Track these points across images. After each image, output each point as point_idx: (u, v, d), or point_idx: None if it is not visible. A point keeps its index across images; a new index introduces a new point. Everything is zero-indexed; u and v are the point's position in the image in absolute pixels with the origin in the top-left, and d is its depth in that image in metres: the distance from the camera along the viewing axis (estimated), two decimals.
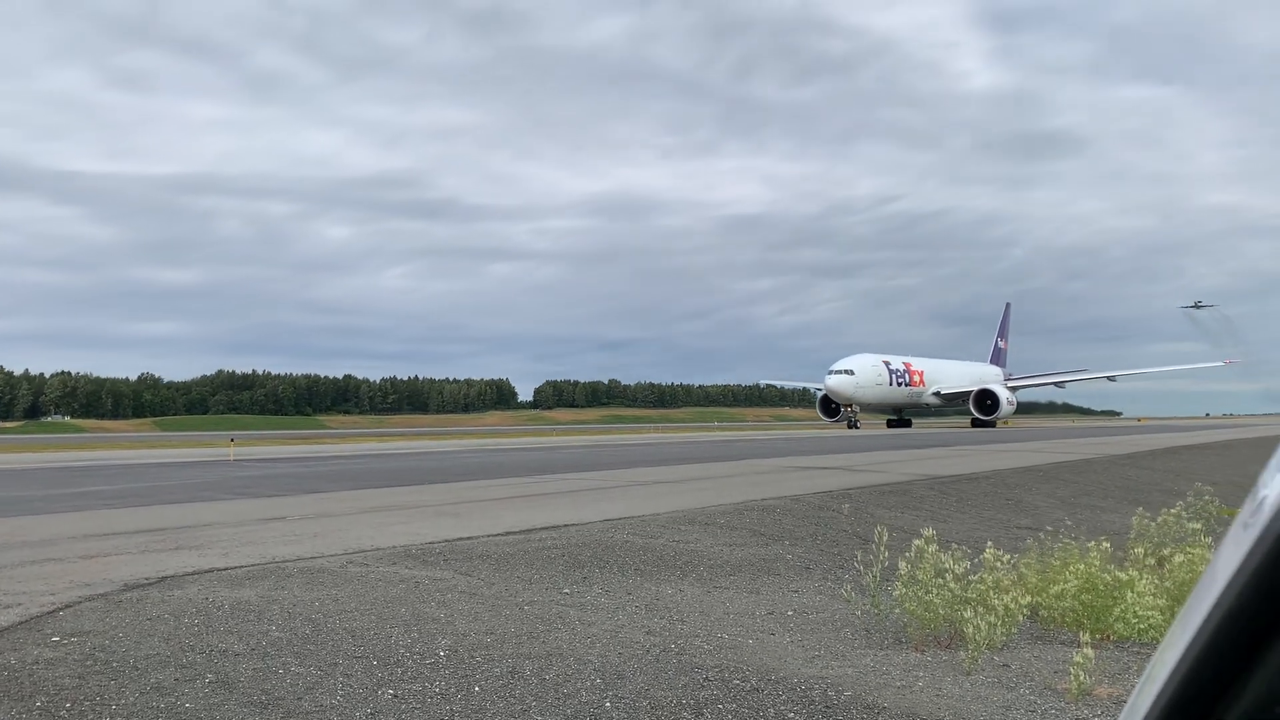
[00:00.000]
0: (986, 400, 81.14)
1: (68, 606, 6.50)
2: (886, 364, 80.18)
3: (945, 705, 5.27)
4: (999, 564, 7.01)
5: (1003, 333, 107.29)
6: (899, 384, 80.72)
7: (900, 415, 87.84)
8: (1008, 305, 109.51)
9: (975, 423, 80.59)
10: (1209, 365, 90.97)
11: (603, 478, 18.91)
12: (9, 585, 7.27)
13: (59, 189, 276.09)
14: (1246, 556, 0.79)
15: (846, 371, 76.03)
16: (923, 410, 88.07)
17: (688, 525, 11.30)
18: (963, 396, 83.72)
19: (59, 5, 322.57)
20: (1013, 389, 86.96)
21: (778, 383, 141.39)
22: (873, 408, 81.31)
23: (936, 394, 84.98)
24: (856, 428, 73.06)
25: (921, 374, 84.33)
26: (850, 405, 76.38)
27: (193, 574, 7.74)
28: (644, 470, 21.11)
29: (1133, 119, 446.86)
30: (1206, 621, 0.83)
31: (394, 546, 9.28)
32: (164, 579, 7.52)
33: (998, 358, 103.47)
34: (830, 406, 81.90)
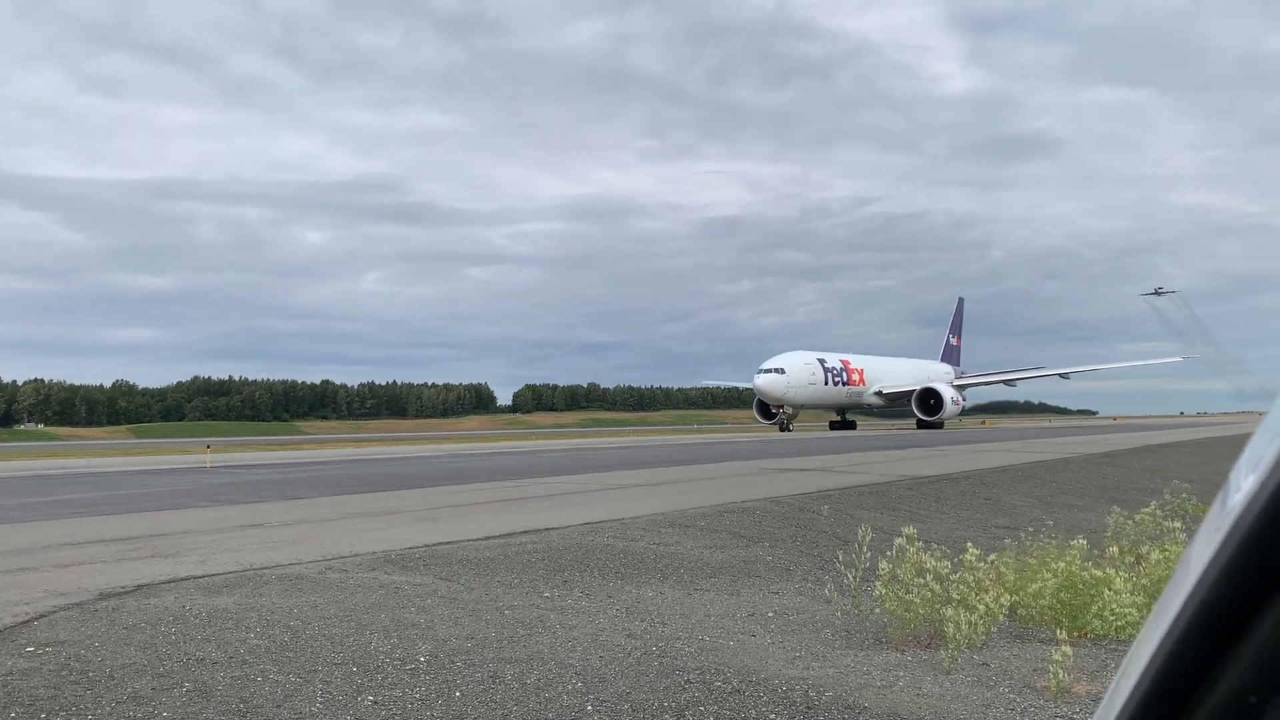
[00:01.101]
0: (930, 400, 74.43)
1: (42, 616, 6.43)
2: (821, 362, 73.97)
3: (925, 705, 5.29)
4: (979, 564, 7.05)
5: (955, 329, 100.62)
6: (836, 383, 74.70)
7: (843, 417, 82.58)
8: (960, 300, 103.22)
9: (920, 424, 73.88)
10: (1168, 361, 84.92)
11: (582, 481, 18.89)
12: None
13: (32, 195, 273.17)
14: (1217, 552, 0.80)
15: (776, 370, 70.06)
16: (864, 411, 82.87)
17: (668, 528, 11.31)
18: (907, 396, 77.15)
19: (32, 10, 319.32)
20: (961, 388, 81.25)
21: (708, 383, 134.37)
22: (807, 408, 75.87)
23: (878, 393, 79.05)
24: (789, 430, 67.88)
25: (861, 372, 78.37)
26: (781, 406, 70.76)
27: (169, 582, 7.68)
28: (623, 473, 21.11)
29: (1106, 122, 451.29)
30: (1179, 617, 0.84)
31: (373, 552, 9.24)
32: (140, 587, 7.46)
33: (950, 355, 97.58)
34: (767, 408, 75.67)
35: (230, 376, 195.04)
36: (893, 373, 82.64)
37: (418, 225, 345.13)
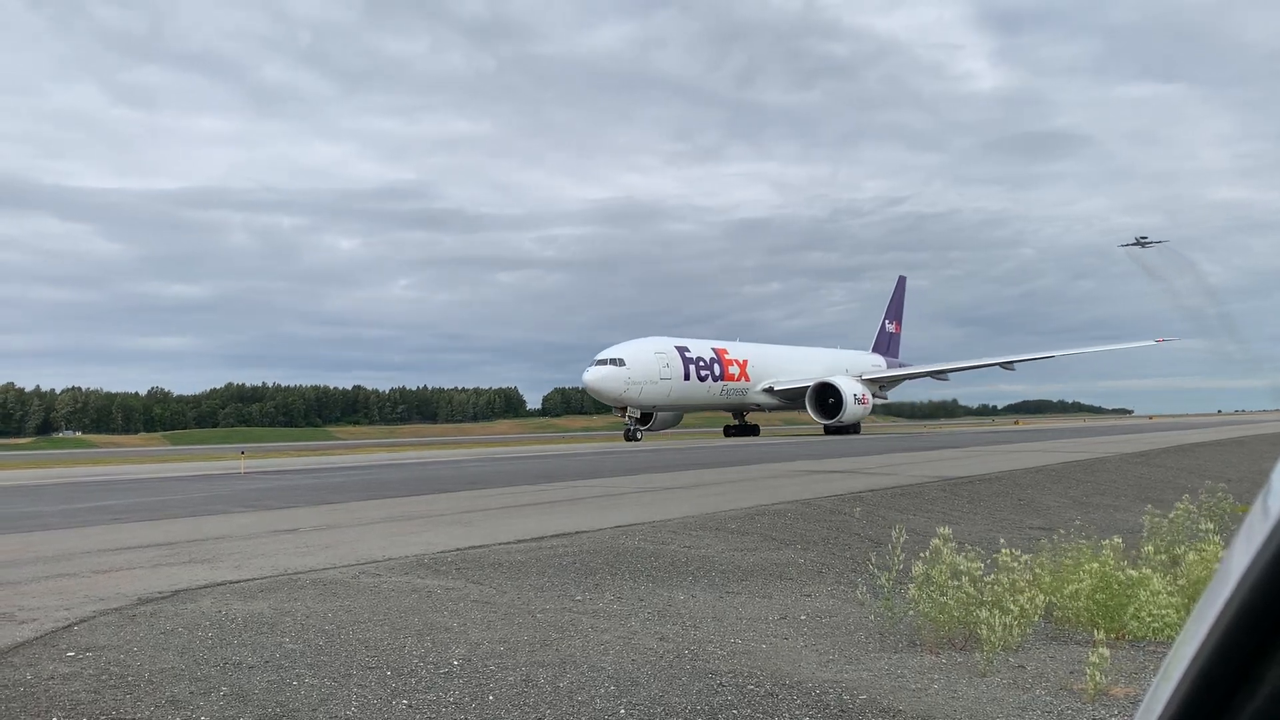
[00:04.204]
0: (829, 398, 59.75)
1: (82, 621, 6.52)
2: (682, 351, 56.68)
3: (961, 707, 5.25)
4: (1013, 564, 6.99)
5: (893, 313, 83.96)
6: (703, 377, 57.71)
7: (742, 421, 67.64)
8: (901, 279, 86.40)
9: (828, 430, 59.95)
10: (1139, 345, 69.72)
11: (613, 484, 18.90)
12: (24, 601, 7.30)
13: (68, 206, 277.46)
14: (1259, 552, 0.79)
15: (613, 362, 52.65)
16: (752, 412, 66.99)
17: (699, 530, 11.29)
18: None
19: (65, 23, 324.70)
20: (877, 383, 67.05)
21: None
22: (662, 410, 59.57)
23: (769, 390, 62.71)
24: (637, 439, 52.41)
25: (744, 364, 61.44)
26: (624, 408, 54.19)
27: (205, 587, 7.76)
28: (654, 476, 21.11)
29: (1137, 117, 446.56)
30: (1220, 618, 0.83)
31: (406, 556, 9.29)
32: (177, 592, 7.55)
33: (885, 344, 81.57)
34: (643, 413, 57.78)
35: (263, 383, 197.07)
36: (792, 365, 65.97)
37: (446, 231, 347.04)
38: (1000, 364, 68.49)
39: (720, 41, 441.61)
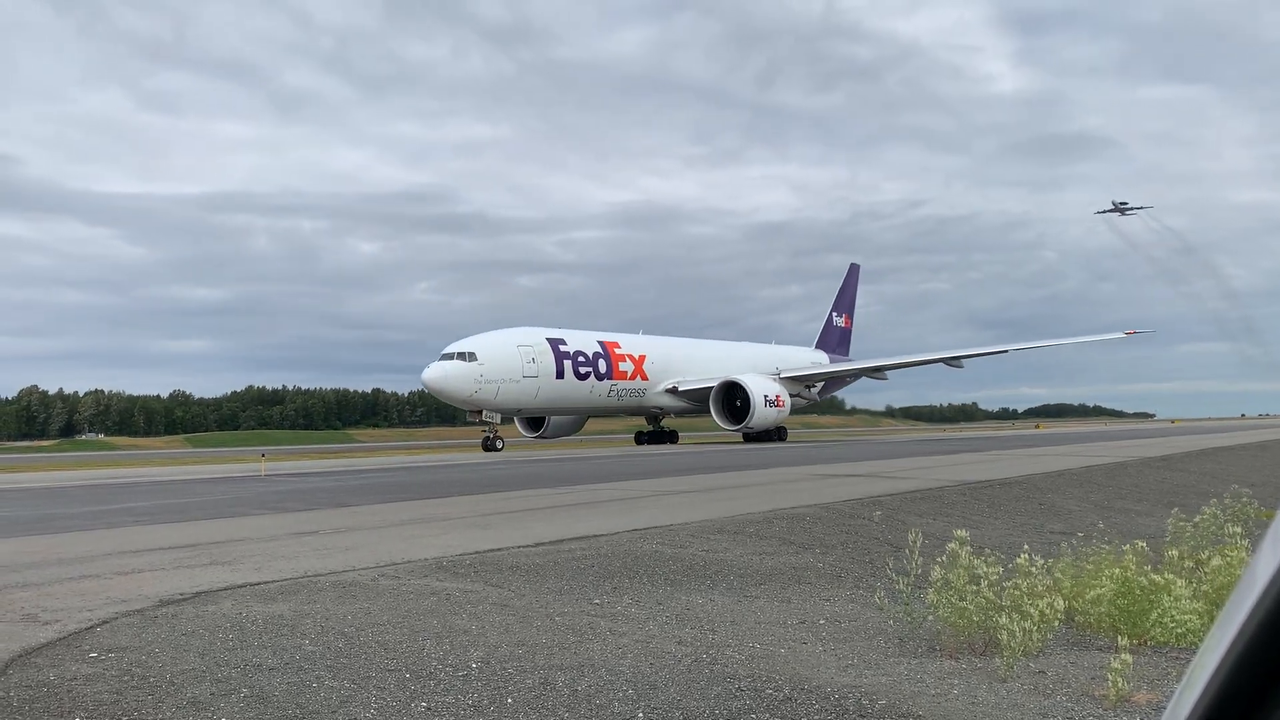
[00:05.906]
0: (736, 400, 49.78)
1: (104, 623, 6.57)
2: (556, 344, 47.12)
3: (981, 713, 5.22)
4: (1033, 569, 6.95)
5: (843, 306, 73.47)
6: (584, 375, 47.95)
7: (658, 426, 57.87)
8: (853, 268, 75.88)
9: (746, 437, 51.30)
10: (1108, 337, 61.39)
11: (631, 488, 18.90)
12: (47, 602, 7.37)
13: (93, 211, 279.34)
14: None
15: (463, 356, 43.25)
16: (653, 417, 57.27)
17: (717, 534, 11.28)
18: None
19: (92, 29, 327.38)
20: (799, 380, 56.35)
21: None
22: (529, 414, 51.48)
23: (673, 391, 52.57)
24: (496, 449, 43.41)
25: (640, 360, 51.53)
26: (479, 412, 44.62)
27: (226, 589, 7.81)
28: (672, 480, 21.10)
29: (1160, 119, 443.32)
30: (1245, 624, 0.82)
31: (425, 559, 9.32)
32: (198, 594, 7.59)
33: (831, 340, 71.05)
34: (532, 420, 52.30)
35: (284, 386, 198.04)
36: (705, 362, 54.86)
37: (467, 235, 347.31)
38: (945, 360, 58.01)
39: (740, 44, 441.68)
